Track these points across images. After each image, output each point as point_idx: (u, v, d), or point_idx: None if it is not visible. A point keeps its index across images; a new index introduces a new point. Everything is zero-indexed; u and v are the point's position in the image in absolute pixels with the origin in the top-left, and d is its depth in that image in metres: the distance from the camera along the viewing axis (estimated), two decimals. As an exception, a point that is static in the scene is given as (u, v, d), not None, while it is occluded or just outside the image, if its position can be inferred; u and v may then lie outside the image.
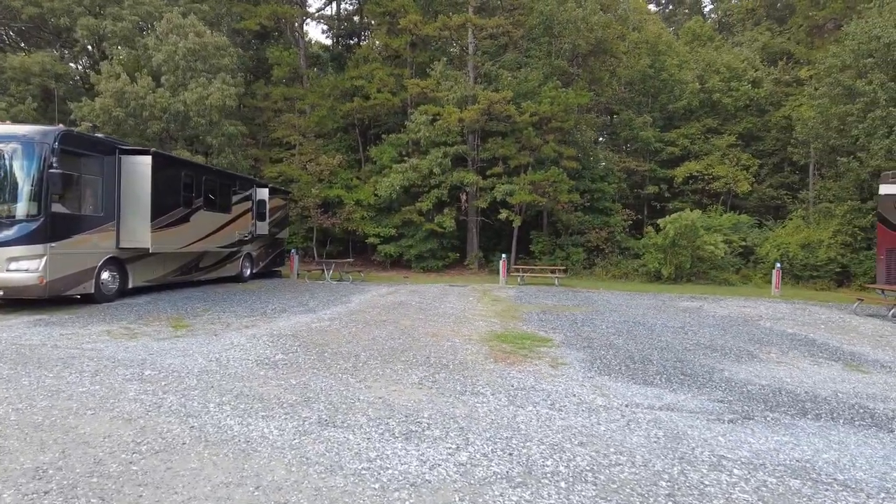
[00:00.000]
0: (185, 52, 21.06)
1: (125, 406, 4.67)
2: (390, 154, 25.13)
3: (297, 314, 10.75)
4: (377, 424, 4.45)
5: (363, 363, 6.62)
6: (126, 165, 12.03)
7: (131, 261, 12.44)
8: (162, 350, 6.98)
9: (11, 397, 4.83)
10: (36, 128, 10.85)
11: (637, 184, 28.94)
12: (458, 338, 8.53)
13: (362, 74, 25.56)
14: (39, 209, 10.03)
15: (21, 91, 22.65)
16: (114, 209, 11.87)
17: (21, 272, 9.86)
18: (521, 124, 22.31)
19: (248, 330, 8.74)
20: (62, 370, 5.82)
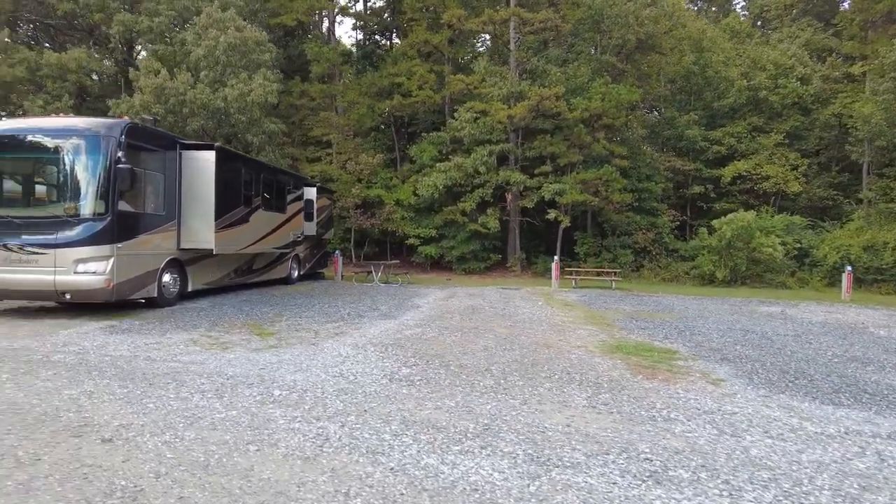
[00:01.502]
0: (225, 47, 20.38)
1: (287, 439, 3.89)
2: (431, 153, 24.37)
3: (377, 320, 9.99)
4: (602, 462, 3.66)
5: (504, 380, 5.83)
6: (187, 161, 11.31)
7: (191, 263, 11.72)
8: (270, 364, 6.21)
9: (147, 424, 4.07)
10: (100, 120, 10.18)
11: (681, 184, 28.01)
12: (575, 349, 7.72)
13: (401, 71, 24.80)
14: (106, 207, 9.31)
15: (57, 88, 22.05)
16: (175, 208, 11.15)
17: (89, 275, 9.14)
18: (570, 121, 21.49)
19: (343, 338, 7.98)
20: (179, 389, 5.06)
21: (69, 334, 7.81)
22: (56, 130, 9.73)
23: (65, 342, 7.22)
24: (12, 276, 9.13)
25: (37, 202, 9.75)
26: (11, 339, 7.34)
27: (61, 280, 9.06)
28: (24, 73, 21.58)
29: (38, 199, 9.79)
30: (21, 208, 9.66)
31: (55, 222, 9.21)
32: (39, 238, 9.13)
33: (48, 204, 9.58)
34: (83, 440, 3.75)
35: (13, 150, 9.79)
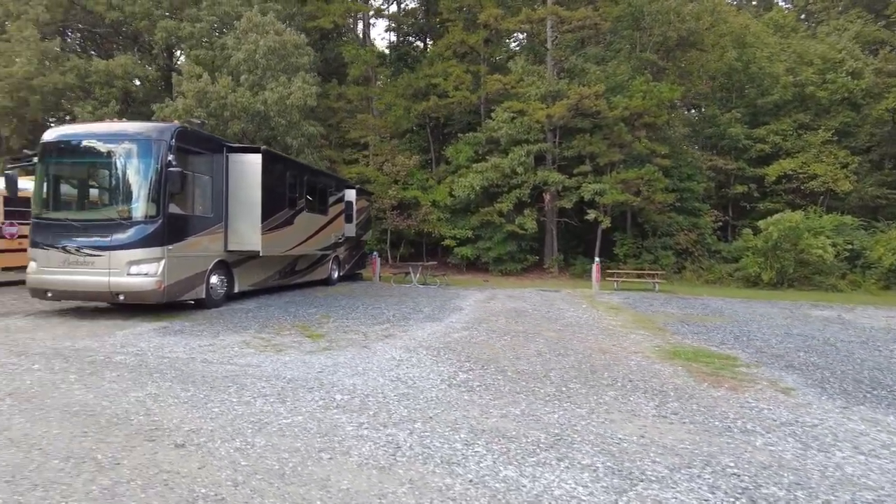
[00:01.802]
0: (265, 51, 20.64)
1: (358, 446, 3.82)
2: (466, 153, 24.26)
3: (422, 322, 9.91)
4: (687, 477, 3.49)
5: (565, 387, 5.67)
6: (234, 164, 11.43)
7: (237, 264, 11.84)
8: (326, 367, 6.18)
9: (216, 429, 4.05)
10: (151, 125, 10.35)
11: (723, 183, 27.29)
12: (632, 354, 7.50)
13: (437, 72, 24.76)
14: (158, 210, 9.45)
15: (104, 94, 22.66)
16: (222, 210, 11.28)
17: (141, 276, 9.30)
18: (610, 120, 21.11)
19: (392, 341, 7.92)
20: (241, 393, 5.05)
21: (125, 335, 7.94)
22: (109, 135, 9.92)
23: (122, 343, 7.33)
24: (70, 278, 9.35)
25: (92, 205, 9.98)
26: (74, 340, 7.49)
27: (115, 281, 9.24)
28: (75, 80, 22.23)
29: (93, 203, 10.02)
30: (77, 211, 9.91)
31: (109, 225, 9.40)
32: (95, 240, 9.32)
33: (102, 207, 9.79)
34: (157, 445, 3.74)
35: (68, 155, 10.04)
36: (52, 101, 22.97)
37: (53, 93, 22.28)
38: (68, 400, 4.72)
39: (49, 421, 4.18)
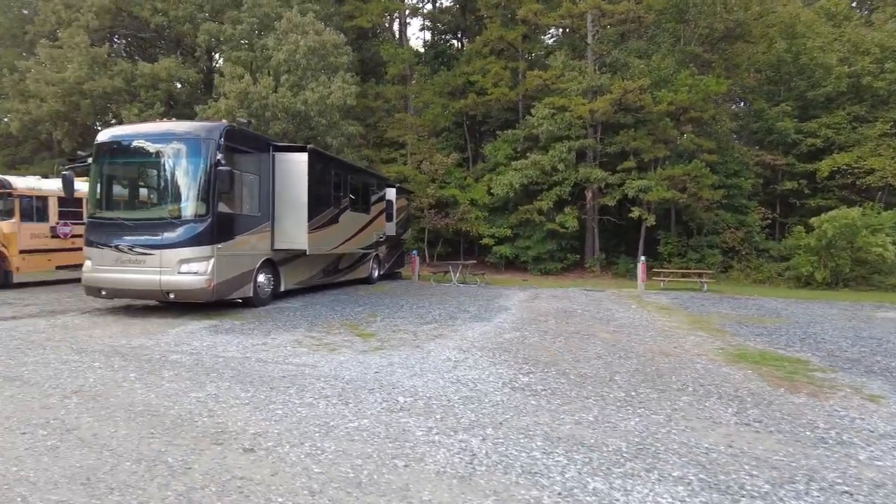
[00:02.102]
0: (305, 51, 20.77)
1: (431, 453, 3.65)
2: (505, 151, 23.97)
3: (470, 322, 9.71)
4: (794, 494, 3.20)
5: (634, 391, 5.39)
6: (280, 163, 11.44)
7: (283, 263, 11.86)
8: (382, 367, 6.04)
9: (283, 433, 3.93)
10: (200, 124, 10.43)
11: (770, 179, 26.29)
12: (696, 357, 7.16)
13: (475, 69, 24.52)
14: (207, 209, 9.49)
15: (150, 97, 23.16)
16: (269, 209, 11.30)
17: (191, 275, 9.35)
18: (654, 115, 20.54)
19: (443, 341, 7.74)
20: (301, 394, 4.94)
21: (177, 334, 7.97)
22: (159, 135, 10.02)
23: (176, 342, 7.34)
24: (123, 276, 9.47)
25: (144, 204, 10.10)
26: (129, 338, 7.54)
27: (166, 280, 9.31)
28: (122, 84, 22.77)
29: (144, 202, 10.14)
30: (130, 211, 10.04)
31: (160, 224, 9.48)
32: (146, 239, 9.42)
33: (154, 206, 9.89)
34: (225, 448, 3.64)
35: (121, 155, 10.17)
36: (101, 105, 23.58)
37: (102, 96, 22.88)
38: (132, 399, 4.69)
39: (116, 421, 4.14)
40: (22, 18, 27.79)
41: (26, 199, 14.45)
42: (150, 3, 25.06)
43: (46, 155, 27.21)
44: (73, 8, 23.72)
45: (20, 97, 23.48)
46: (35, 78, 22.51)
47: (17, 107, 23.32)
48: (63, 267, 15.85)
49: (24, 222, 14.32)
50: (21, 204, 14.28)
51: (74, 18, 23.45)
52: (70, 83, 21.87)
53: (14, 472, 3.21)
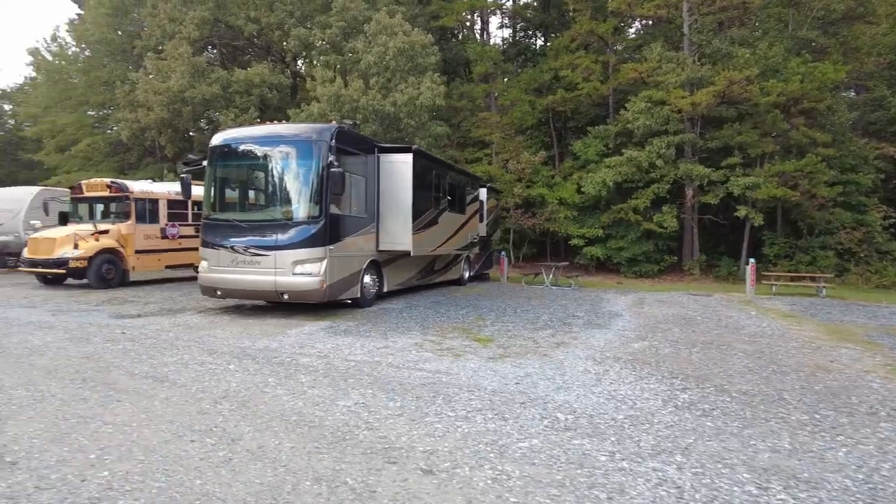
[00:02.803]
0: (394, 52, 20.81)
1: (631, 484, 3.22)
2: (596, 148, 23.09)
3: (586, 328, 9.18)
4: None
5: (816, 413, 4.73)
6: (385, 164, 11.34)
7: (386, 264, 11.76)
8: (520, 378, 5.66)
9: (454, 452, 3.63)
10: (311, 126, 10.47)
11: (893, 174, 23.93)
12: (862, 373, 6.32)
13: (563, 64, 23.78)
14: (320, 211, 9.49)
15: (244, 102, 24.02)
16: (374, 210, 11.23)
17: (305, 276, 9.36)
18: (762, 107, 19.11)
19: (569, 349, 7.28)
20: (451, 405, 4.64)
21: (297, 335, 7.94)
22: (271, 137, 10.12)
23: (299, 344, 7.28)
24: (239, 277, 9.62)
25: (258, 206, 10.22)
26: (252, 339, 7.57)
27: (281, 281, 9.37)
28: (219, 91, 23.73)
29: (258, 203, 10.25)
30: (244, 212, 10.20)
31: (274, 225, 9.56)
32: (261, 240, 9.51)
33: (268, 207, 9.98)
34: (401, 469, 3.37)
35: (235, 158, 10.36)
36: (200, 111, 24.69)
37: (201, 103, 23.93)
38: (281, 407, 4.54)
39: (275, 431, 3.97)
40: (130, 35, 29.59)
41: (140, 201, 15.20)
42: (245, 12, 26.04)
43: (150, 160, 28.88)
44: (177, 21, 24.97)
45: (130, 107, 24.95)
46: (144, 88, 23.86)
47: (128, 116, 24.81)
48: (171, 266, 16.61)
49: (138, 224, 15.06)
50: (136, 206, 15.03)
51: (178, 31, 24.67)
52: (174, 91, 23.01)
53: (199, 485, 3.06)
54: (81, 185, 15.74)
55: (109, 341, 7.25)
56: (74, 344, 7.04)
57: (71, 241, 13.94)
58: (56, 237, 14.11)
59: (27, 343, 7.09)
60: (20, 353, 6.48)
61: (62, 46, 34.97)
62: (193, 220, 16.73)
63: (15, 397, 4.68)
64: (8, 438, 3.76)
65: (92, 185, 15.51)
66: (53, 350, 6.64)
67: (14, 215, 19.45)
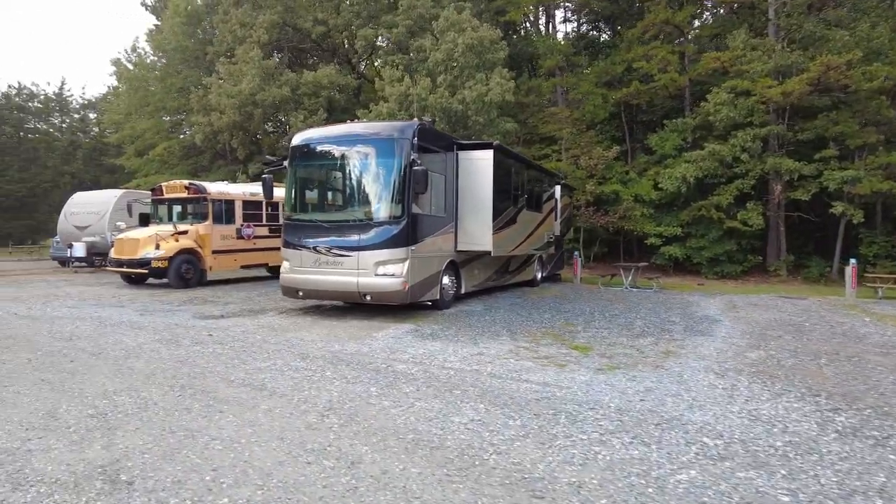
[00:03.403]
0: (463, 49, 20.42)
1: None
2: (674, 142, 21.94)
3: (688, 334, 8.47)
4: None
5: None
6: (464, 161, 10.94)
7: (464, 265, 11.37)
8: (641, 393, 5.11)
9: (604, 484, 3.14)
10: (392, 123, 10.21)
11: None
12: None
13: (638, 56, 22.72)
14: (402, 210, 9.18)
15: (312, 104, 24.23)
16: (453, 209, 10.85)
17: (388, 277, 9.08)
18: (863, 93, 17.57)
19: (680, 359, 6.63)
20: (578, 426, 4.17)
21: (385, 339, 7.64)
22: (353, 136, 9.93)
23: (390, 348, 6.96)
24: (321, 278, 9.45)
25: (340, 206, 10.01)
26: (340, 342, 7.32)
27: (363, 282, 9.13)
28: (288, 93, 24.04)
29: (339, 204, 10.05)
30: (326, 212, 10.03)
31: (356, 225, 9.33)
32: (344, 241, 9.31)
33: (350, 207, 9.75)
34: (552, 505, 2.92)
35: (315, 158, 10.20)
36: (270, 113, 25.11)
37: (271, 105, 24.31)
38: (392, 422, 4.18)
39: (394, 452, 3.61)
40: (203, 41, 30.53)
41: (217, 202, 15.43)
42: (312, 14, 26.32)
43: (222, 162, 29.64)
44: (247, 26, 25.50)
45: (203, 111, 25.67)
46: (217, 92, 24.46)
47: (201, 120, 25.53)
48: (246, 266, 16.84)
49: (215, 224, 15.29)
50: (213, 207, 15.27)
51: (248, 35, 25.18)
52: (245, 94, 23.46)
53: (330, 521, 2.72)
54: (161, 186, 16.15)
55: (198, 344, 7.16)
56: (166, 346, 6.98)
57: (153, 242, 14.28)
58: (139, 238, 14.49)
59: (121, 344, 7.09)
60: (117, 355, 6.45)
61: (141, 56, 36.61)
62: (267, 220, 16.92)
63: (119, 404, 4.54)
64: (120, 452, 3.56)
65: (171, 187, 15.88)
66: (147, 353, 6.59)
67: (100, 217, 20.30)
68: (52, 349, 6.76)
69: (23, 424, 4.05)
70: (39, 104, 50.54)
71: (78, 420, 4.15)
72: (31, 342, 7.19)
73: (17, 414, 4.29)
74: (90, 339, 7.35)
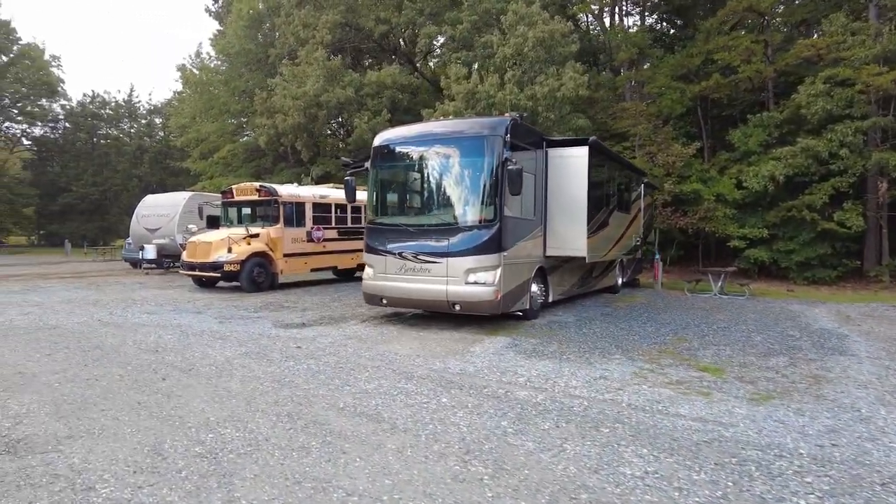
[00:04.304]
0: (534, 43, 19.58)
1: None
2: (758, 137, 20.42)
3: (825, 354, 7.42)
4: None
5: None
6: (555, 159, 10.15)
7: (551, 271, 10.57)
8: (828, 434, 4.24)
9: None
10: (483, 119, 9.51)
11: None
12: None
13: (718, 46, 21.29)
14: (495, 213, 8.48)
15: (375, 104, 23.87)
16: (542, 211, 10.08)
17: (479, 285, 8.41)
18: None
19: (840, 387, 5.66)
20: (788, 485, 3.36)
21: (484, 355, 6.96)
22: (439, 134, 9.30)
23: (497, 367, 6.27)
24: (407, 285, 8.87)
25: (426, 209, 9.37)
26: (438, 359, 6.69)
27: (453, 290, 8.48)
28: (352, 94, 23.75)
29: (427, 207, 9.41)
30: (412, 216, 9.42)
31: (446, 230, 8.68)
32: (431, 246, 8.69)
33: (437, 211, 9.12)
34: None
35: (400, 158, 9.64)
36: (334, 115, 24.91)
37: (336, 107, 24.09)
38: (551, 475, 3.48)
39: (575, 520, 2.90)
40: (264, 44, 30.76)
41: (288, 205, 15.15)
42: (374, 13, 25.99)
43: (284, 165, 29.75)
44: (310, 27, 25.40)
45: (267, 113, 25.73)
46: (281, 94, 24.44)
47: (265, 122, 25.59)
48: (315, 269, 16.54)
49: (286, 227, 15.02)
50: (284, 210, 15.00)
51: (311, 36, 25.07)
52: (310, 96, 23.30)
53: None
54: (232, 189, 16.01)
55: (290, 358, 6.67)
56: (256, 361, 6.52)
57: (225, 245, 14.10)
58: (212, 241, 14.34)
59: (209, 358, 6.67)
60: (208, 372, 6.00)
61: (204, 61, 37.37)
62: (336, 223, 16.59)
63: (227, 439, 4.00)
64: (245, 511, 2.99)
65: (242, 189, 15.72)
66: (239, 369, 6.12)
67: (170, 220, 20.49)
68: (140, 363, 6.39)
69: (129, 464, 3.56)
70: (111, 111, 52.58)
71: (186, 460, 3.63)
72: (119, 353, 6.87)
73: (121, 449, 3.81)
74: (177, 352, 6.97)
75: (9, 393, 5.12)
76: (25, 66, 45.12)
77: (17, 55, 45.54)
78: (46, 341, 7.65)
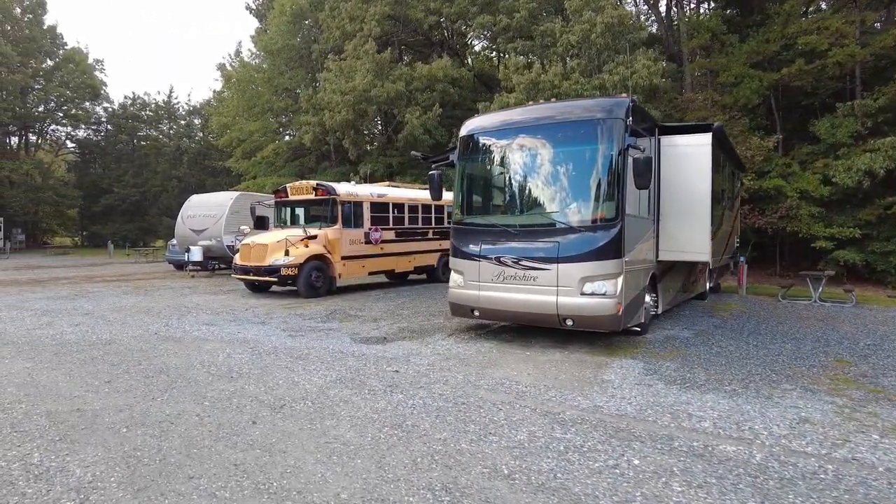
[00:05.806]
0: (602, 29, 18.17)
1: None
2: (849, 128, 18.61)
3: None
4: None
5: None
6: (669, 148, 8.79)
7: (661, 278, 9.20)
8: None
9: None
10: (597, 101, 8.14)
11: None
12: None
13: (801, 30, 19.52)
14: (616, 210, 7.16)
15: (426, 99, 22.72)
16: (655, 209, 8.72)
17: (598, 297, 7.09)
18: None
19: None
20: None
21: (628, 386, 5.67)
22: (541, 119, 7.96)
23: (661, 406, 4.98)
24: (506, 296, 7.62)
25: (529, 207, 8.07)
26: (580, 392, 5.41)
27: (565, 302, 7.19)
28: (403, 88, 22.65)
29: (530, 204, 8.11)
30: (509, 215, 8.13)
31: (554, 231, 7.40)
32: (537, 250, 7.42)
33: (542, 209, 7.83)
34: None
35: (493, 149, 8.40)
36: (385, 110, 23.85)
37: (385, 102, 23.02)
38: None
39: None
40: (308, 40, 29.92)
41: (347, 205, 14.09)
42: (424, 5, 24.86)
43: (327, 164, 28.86)
44: (358, 19, 24.39)
45: (313, 110, 24.81)
46: (330, 89, 23.47)
47: (311, 119, 24.68)
48: (373, 273, 15.43)
49: (344, 228, 13.97)
50: (343, 210, 13.94)
51: (359, 29, 24.06)
52: (359, 91, 22.28)
53: None
54: (286, 188, 15.01)
55: (394, 388, 5.50)
56: (356, 393, 5.36)
57: (282, 248, 13.11)
58: (267, 244, 13.36)
59: (298, 387, 5.54)
60: (305, 410, 4.85)
61: (243, 60, 36.80)
62: (393, 223, 15.48)
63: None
64: None
65: (297, 188, 14.70)
66: (341, 406, 4.96)
67: (216, 220, 19.65)
68: (217, 395, 5.29)
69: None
70: (150, 112, 52.74)
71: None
72: (188, 381, 5.78)
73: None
74: (256, 379, 5.86)
75: (69, 444, 4.04)
76: (70, 70, 45.47)
77: (62, 60, 45.93)
78: (103, 362, 6.64)
